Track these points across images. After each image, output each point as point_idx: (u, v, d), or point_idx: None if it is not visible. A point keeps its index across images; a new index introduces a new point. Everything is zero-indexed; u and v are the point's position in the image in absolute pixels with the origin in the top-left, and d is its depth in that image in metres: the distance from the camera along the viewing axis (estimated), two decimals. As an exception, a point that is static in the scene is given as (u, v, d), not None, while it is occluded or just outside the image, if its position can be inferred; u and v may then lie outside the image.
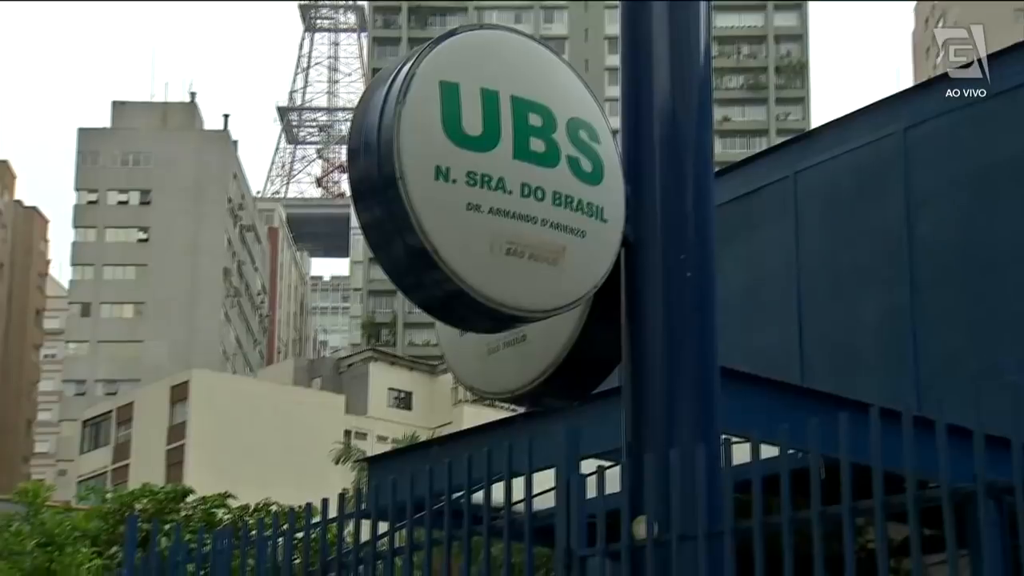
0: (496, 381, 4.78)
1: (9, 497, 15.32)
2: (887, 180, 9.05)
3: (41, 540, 11.41)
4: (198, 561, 6.50)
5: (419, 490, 5.33)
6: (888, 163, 8.99)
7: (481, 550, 5.09)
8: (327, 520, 6.09)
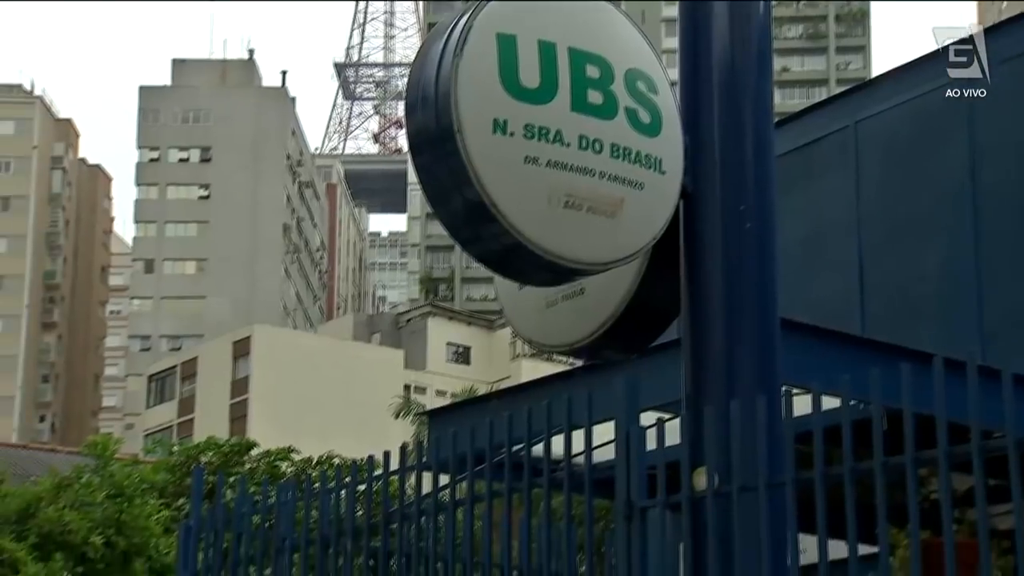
0: (555, 334, 4.79)
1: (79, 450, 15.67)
2: (950, 128, 8.90)
3: (111, 492, 11.67)
4: (263, 513, 6.61)
5: (479, 443, 5.37)
6: (951, 111, 8.84)
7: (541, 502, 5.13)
8: (389, 472, 6.16)
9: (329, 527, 6.21)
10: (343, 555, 6.16)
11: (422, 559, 5.81)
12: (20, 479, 12.58)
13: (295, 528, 6.43)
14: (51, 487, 11.67)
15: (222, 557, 6.61)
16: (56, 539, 10.97)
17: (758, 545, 3.76)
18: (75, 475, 11.88)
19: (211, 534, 6.73)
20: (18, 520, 11.17)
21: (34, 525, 11.07)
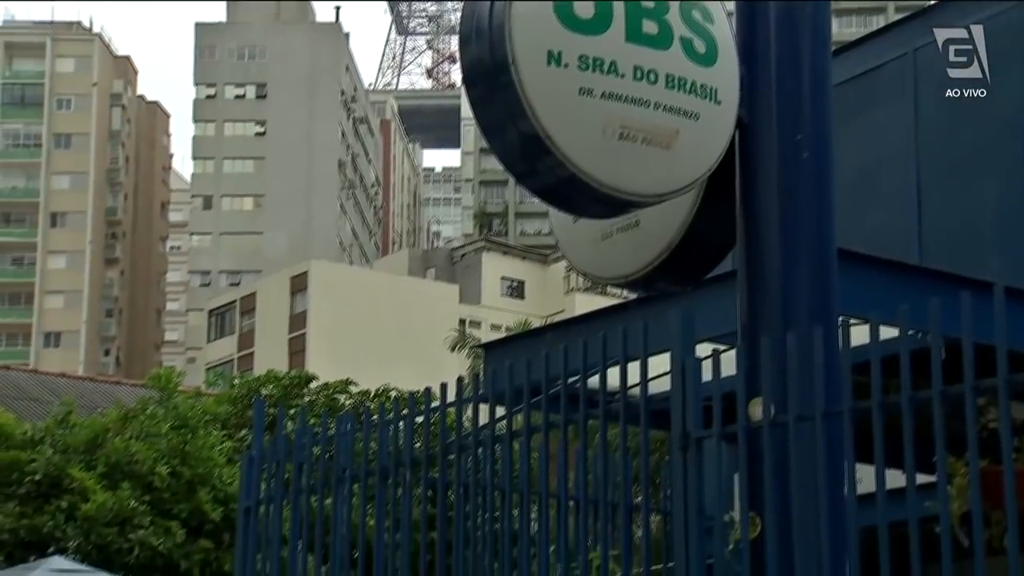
0: (610, 266, 4.80)
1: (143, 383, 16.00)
2: (1013, 55, 8.70)
3: (175, 423, 11.92)
4: (323, 444, 6.73)
5: (535, 375, 5.41)
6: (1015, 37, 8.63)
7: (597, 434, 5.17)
8: (446, 404, 6.23)
9: (388, 458, 6.31)
10: (402, 486, 6.26)
11: (479, 490, 5.90)
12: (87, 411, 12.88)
13: (354, 459, 6.54)
14: (117, 418, 11.93)
15: (284, 487, 6.75)
16: (123, 469, 11.25)
17: (814, 475, 3.78)
18: (140, 407, 12.13)
19: (273, 464, 6.86)
20: (87, 450, 11.46)
21: (102, 455, 11.35)
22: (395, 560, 6.20)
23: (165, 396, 12.48)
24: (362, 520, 6.43)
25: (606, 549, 5.04)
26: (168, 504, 11.25)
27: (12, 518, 10.59)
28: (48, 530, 10.66)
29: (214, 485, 11.54)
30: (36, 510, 10.81)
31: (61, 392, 15.36)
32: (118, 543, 10.72)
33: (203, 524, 11.34)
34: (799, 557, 3.93)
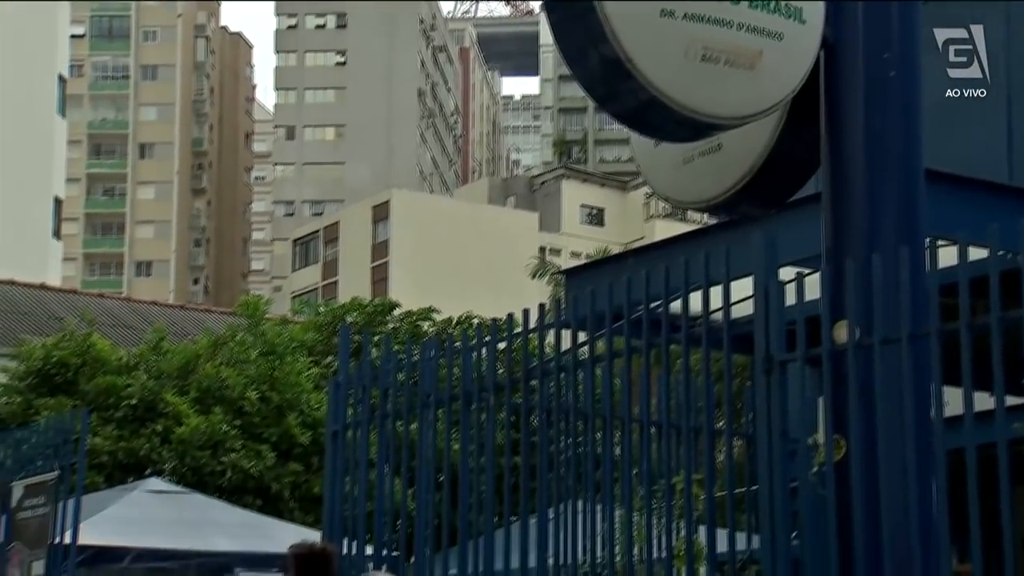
0: (691, 190, 4.77)
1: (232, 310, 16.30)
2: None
3: (263, 350, 12.16)
4: (407, 370, 6.82)
5: (617, 300, 5.42)
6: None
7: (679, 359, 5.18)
8: (528, 330, 6.27)
9: (471, 383, 6.39)
10: (485, 410, 6.34)
11: (561, 415, 5.95)
12: (179, 337, 13.18)
13: (438, 385, 6.63)
14: (208, 345, 12.19)
15: (369, 412, 6.87)
16: (215, 394, 11.51)
17: (900, 397, 3.76)
18: (229, 334, 12.37)
19: (359, 390, 6.99)
20: (179, 376, 11.75)
21: (194, 380, 11.63)
22: (479, 483, 6.30)
23: (253, 324, 12.71)
24: (447, 444, 6.53)
25: (689, 473, 5.07)
26: (258, 428, 11.51)
27: (110, 441, 10.92)
28: (144, 453, 10.98)
29: (302, 410, 11.77)
30: (133, 433, 11.13)
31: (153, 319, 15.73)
32: (211, 466, 11.02)
33: (292, 448, 11.60)
34: (884, 480, 3.93)
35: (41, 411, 10.84)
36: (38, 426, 8.41)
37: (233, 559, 8.81)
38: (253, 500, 10.97)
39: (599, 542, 5.52)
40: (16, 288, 18.42)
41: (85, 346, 11.72)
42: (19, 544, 7.38)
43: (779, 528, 4.33)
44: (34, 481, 7.51)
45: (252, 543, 8.98)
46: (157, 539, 8.60)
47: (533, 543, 5.84)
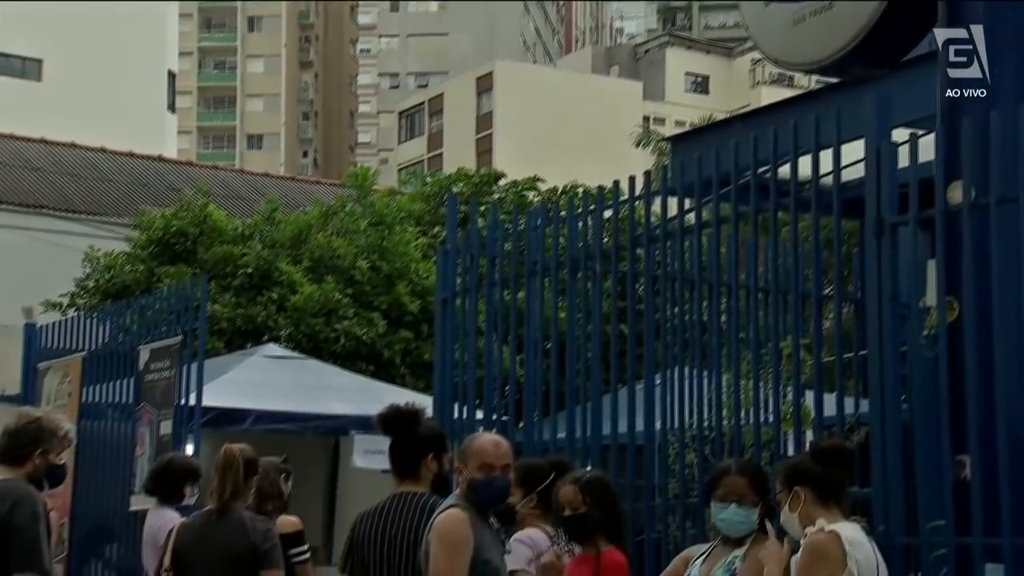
0: (802, 51, 4.68)
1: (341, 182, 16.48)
2: None
3: (372, 220, 12.31)
4: (513, 239, 6.88)
5: (724, 165, 5.37)
6: None
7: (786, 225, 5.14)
8: (634, 197, 6.26)
9: (577, 251, 6.43)
10: (591, 278, 6.39)
11: (668, 282, 5.96)
12: (290, 208, 13.40)
13: (545, 253, 6.68)
14: (319, 216, 12.37)
15: (477, 280, 6.97)
16: (326, 263, 11.73)
17: (1017, 258, 3.70)
18: (339, 205, 12.53)
19: (467, 258, 7.09)
20: (292, 245, 11.98)
21: (307, 250, 11.87)
22: (586, 350, 6.38)
23: (362, 194, 12.85)
24: (554, 312, 6.61)
25: (797, 338, 5.07)
26: (369, 297, 11.72)
27: (229, 308, 11.23)
28: (261, 320, 11.27)
29: (411, 279, 11.94)
30: (250, 301, 11.42)
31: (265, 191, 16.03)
32: (325, 332, 11.28)
33: (402, 316, 11.81)
34: (999, 342, 3.89)
35: (163, 279, 11.18)
36: (161, 293, 8.72)
37: (348, 422, 9.10)
38: (365, 366, 11.25)
39: (706, 407, 5.58)
40: (135, 160, 18.87)
41: (202, 216, 11.99)
42: (147, 405, 7.75)
43: (888, 392, 4.33)
44: (159, 345, 7.83)
45: (366, 406, 9.23)
46: (276, 402, 8.91)
47: (640, 409, 5.92)
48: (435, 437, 4.55)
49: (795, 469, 3.89)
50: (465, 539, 4.12)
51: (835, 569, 3.63)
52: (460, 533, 4.12)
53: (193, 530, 5.11)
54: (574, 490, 4.40)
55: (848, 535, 3.67)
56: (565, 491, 4.41)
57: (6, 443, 4.95)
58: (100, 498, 7.97)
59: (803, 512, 3.76)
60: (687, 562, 4.20)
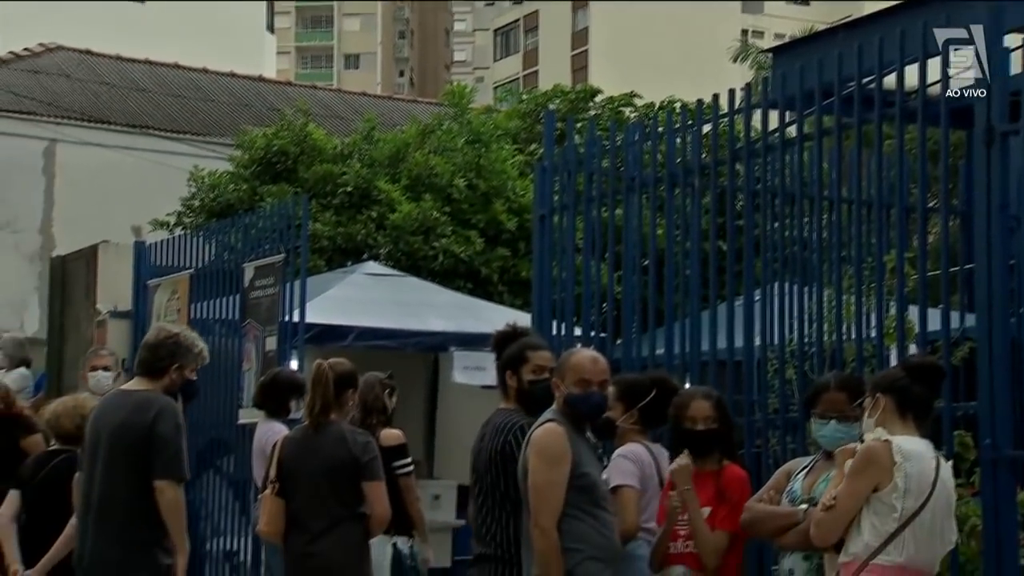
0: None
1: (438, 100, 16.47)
2: None
3: (469, 138, 12.30)
4: (611, 155, 6.84)
5: (827, 76, 5.26)
6: None
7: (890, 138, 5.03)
8: (734, 111, 6.16)
9: (676, 167, 6.36)
10: (689, 194, 6.33)
11: (768, 196, 5.88)
12: (388, 127, 13.45)
13: (643, 169, 6.63)
14: (416, 134, 12.39)
15: (575, 196, 6.95)
16: (424, 181, 11.77)
17: None
18: (436, 123, 12.53)
19: (564, 175, 7.06)
20: (390, 164, 12.04)
21: (404, 168, 11.92)
22: (684, 267, 6.35)
23: (459, 112, 12.83)
24: (652, 228, 6.57)
25: (901, 252, 4.98)
26: (467, 215, 11.76)
27: (329, 226, 11.36)
28: (361, 238, 11.39)
29: (508, 197, 11.94)
30: (350, 219, 11.54)
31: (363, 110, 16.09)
32: (424, 251, 11.36)
33: (499, 233, 11.83)
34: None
35: (265, 197, 11.35)
36: (264, 212, 8.87)
37: (447, 338, 9.20)
38: (464, 283, 11.33)
39: (806, 323, 5.53)
40: (236, 80, 19.05)
41: (302, 135, 12.09)
42: (253, 321, 7.93)
43: (996, 306, 4.25)
44: (263, 263, 7.99)
45: (464, 323, 9.34)
46: (376, 319, 9.03)
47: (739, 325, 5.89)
48: (509, 355, 4.61)
49: (882, 377, 3.87)
50: (563, 452, 4.17)
51: (881, 477, 3.63)
52: (558, 446, 4.18)
53: (296, 443, 5.26)
54: (709, 405, 4.42)
55: (904, 448, 3.65)
56: (700, 405, 4.43)
57: (144, 356, 5.15)
58: (211, 412, 8.23)
59: (879, 420, 3.74)
60: (789, 475, 4.21)
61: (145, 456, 4.92)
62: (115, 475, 4.98)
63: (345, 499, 5.10)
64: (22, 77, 16.99)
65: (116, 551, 4.94)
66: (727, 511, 4.27)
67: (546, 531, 4.10)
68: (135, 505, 4.93)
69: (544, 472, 4.15)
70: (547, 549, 4.10)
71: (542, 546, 4.10)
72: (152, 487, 4.92)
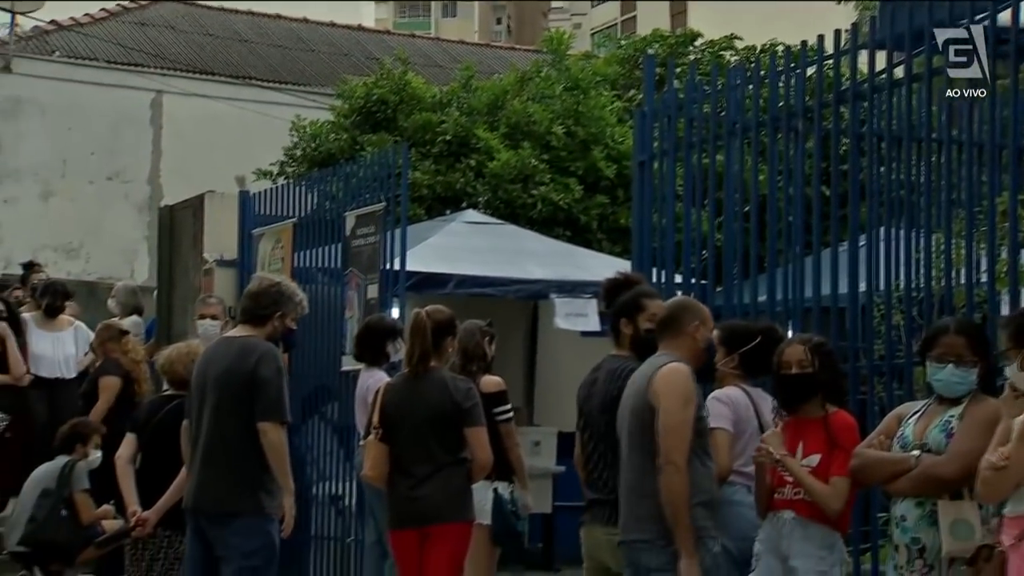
0: None
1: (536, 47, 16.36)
2: None
3: (567, 85, 12.20)
4: (712, 99, 6.74)
5: (937, 14, 5.11)
6: None
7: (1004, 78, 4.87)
8: (840, 51, 6.03)
9: (778, 110, 6.25)
10: (792, 138, 6.22)
11: (873, 139, 5.76)
12: (486, 75, 13.41)
13: (744, 113, 6.52)
14: (514, 82, 12.34)
15: (675, 142, 6.88)
16: (522, 129, 11.73)
17: None
18: (534, 70, 12.46)
19: (664, 120, 6.99)
20: (488, 112, 12.01)
21: (503, 117, 11.88)
22: (787, 213, 6.25)
23: (557, 59, 12.72)
24: (753, 174, 6.48)
25: (1014, 195, 4.85)
26: (565, 162, 11.69)
27: (429, 175, 11.40)
28: (460, 186, 11.41)
29: (607, 144, 11.84)
30: (448, 168, 11.56)
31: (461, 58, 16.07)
32: (522, 199, 11.35)
33: (598, 181, 11.75)
34: None
35: (365, 147, 11.42)
36: (364, 161, 8.94)
37: (547, 286, 9.20)
38: (562, 231, 11.29)
39: (914, 267, 5.42)
40: (336, 30, 19.18)
41: (401, 84, 12.11)
42: (354, 269, 8.03)
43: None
44: (364, 212, 8.07)
45: (564, 271, 9.34)
46: (476, 267, 9.06)
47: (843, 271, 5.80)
48: (624, 303, 4.65)
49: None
50: (693, 392, 4.25)
51: None
52: (689, 387, 4.24)
53: (397, 390, 5.33)
54: (803, 349, 4.38)
55: None
56: (793, 350, 4.40)
57: (247, 304, 5.29)
58: (315, 359, 8.37)
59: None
60: (900, 420, 4.14)
61: (249, 400, 5.05)
62: (221, 419, 5.11)
63: (447, 445, 5.17)
64: (130, 29, 17.31)
65: (222, 493, 5.08)
66: (842, 457, 4.22)
67: (680, 468, 4.13)
68: (240, 448, 5.06)
69: (679, 411, 4.19)
70: (681, 486, 4.13)
71: (676, 484, 4.12)
72: (255, 430, 5.04)
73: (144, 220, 16.31)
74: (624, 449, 4.33)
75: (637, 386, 4.31)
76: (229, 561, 5.08)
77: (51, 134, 15.90)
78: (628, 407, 4.32)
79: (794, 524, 4.24)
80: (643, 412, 4.24)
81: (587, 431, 4.61)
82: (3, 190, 15.94)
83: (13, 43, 15.78)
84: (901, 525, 3.99)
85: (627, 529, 4.29)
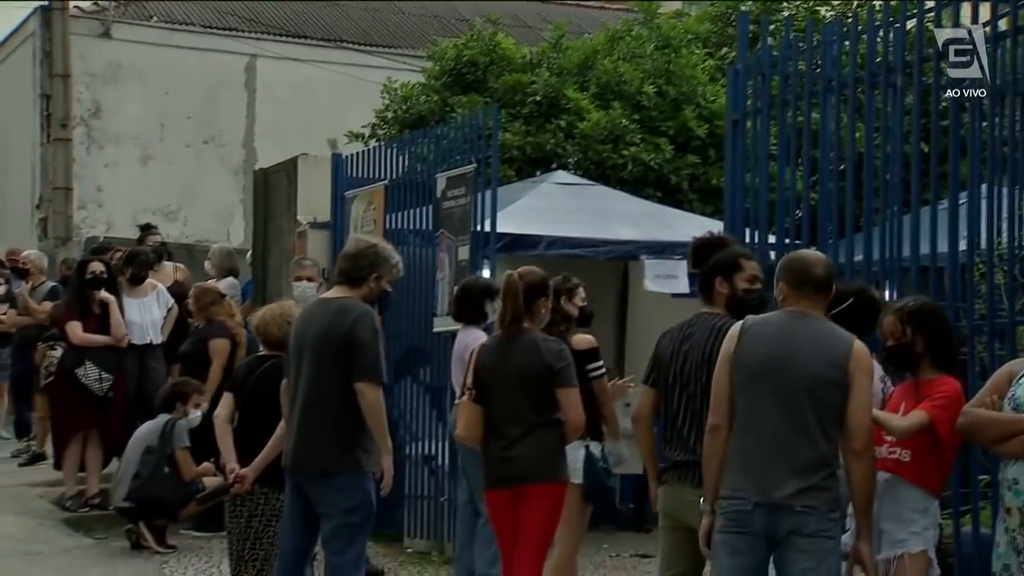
0: None
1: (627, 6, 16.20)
2: None
3: (658, 43, 12.06)
4: (807, 56, 6.62)
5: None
6: None
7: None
8: (941, 4, 5.88)
9: (876, 66, 6.12)
10: (891, 94, 6.09)
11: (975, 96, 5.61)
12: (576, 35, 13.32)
13: (841, 69, 6.40)
14: (604, 41, 12.24)
15: (769, 100, 6.78)
16: (613, 89, 11.65)
17: None
18: (625, 29, 12.34)
19: (758, 78, 6.88)
20: (579, 72, 11.95)
21: (593, 76, 11.81)
22: (885, 171, 6.13)
23: (648, 17, 12.59)
24: (850, 131, 6.37)
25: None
26: (656, 122, 11.58)
27: (519, 136, 11.39)
28: (550, 147, 11.38)
29: (698, 103, 11.69)
30: (539, 129, 11.53)
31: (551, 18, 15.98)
32: (613, 159, 11.28)
33: (689, 140, 11.62)
34: None
35: (456, 108, 11.43)
36: (454, 122, 8.95)
37: (638, 247, 9.15)
38: (653, 192, 11.20)
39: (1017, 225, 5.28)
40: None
41: (491, 45, 12.09)
42: (445, 231, 8.07)
43: None
44: (454, 173, 8.10)
45: (654, 232, 9.27)
46: (567, 228, 9.03)
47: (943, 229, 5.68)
48: (721, 262, 4.60)
49: None
50: None
51: None
52: None
53: (490, 351, 5.37)
54: (894, 320, 4.31)
55: None
56: (887, 321, 4.33)
57: (344, 265, 5.36)
58: (407, 321, 8.45)
59: None
60: (1011, 379, 4.03)
61: (345, 361, 5.12)
62: (318, 380, 5.20)
63: (540, 406, 5.20)
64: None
65: (320, 451, 5.18)
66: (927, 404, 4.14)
67: (874, 454, 4.07)
68: (337, 408, 5.15)
69: (870, 393, 4.08)
70: (875, 472, 4.06)
71: (873, 471, 4.04)
72: (353, 390, 5.11)
73: (239, 183, 16.57)
74: (769, 407, 4.02)
75: (828, 352, 4.01)
76: (329, 517, 5.19)
77: (149, 99, 16.21)
78: (793, 368, 4.01)
79: (886, 486, 4.17)
80: (828, 383, 3.97)
81: (676, 387, 4.56)
82: (105, 155, 16.31)
83: (113, 9, 16.08)
84: (1014, 488, 3.90)
85: (788, 493, 3.94)
